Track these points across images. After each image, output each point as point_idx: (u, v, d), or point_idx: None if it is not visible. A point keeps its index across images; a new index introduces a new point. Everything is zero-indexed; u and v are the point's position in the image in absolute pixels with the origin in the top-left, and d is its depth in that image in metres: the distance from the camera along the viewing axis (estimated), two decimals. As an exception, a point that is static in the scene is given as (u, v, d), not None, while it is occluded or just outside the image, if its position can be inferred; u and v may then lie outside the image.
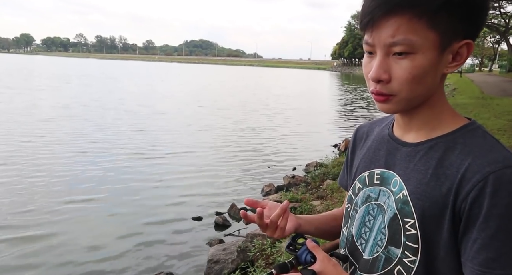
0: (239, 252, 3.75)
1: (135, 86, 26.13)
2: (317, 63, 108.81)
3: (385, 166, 0.82)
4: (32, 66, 54.66)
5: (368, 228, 0.82)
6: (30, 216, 4.92)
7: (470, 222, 0.65)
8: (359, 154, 0.92)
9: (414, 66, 0.67)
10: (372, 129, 0.93)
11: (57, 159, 7.35)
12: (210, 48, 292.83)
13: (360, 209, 0.85)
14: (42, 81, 26.63)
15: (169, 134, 10.32)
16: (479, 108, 11.96)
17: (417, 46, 0.66)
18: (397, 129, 0.83)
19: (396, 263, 0.75)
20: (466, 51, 0.69)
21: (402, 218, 0.74)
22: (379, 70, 0.69)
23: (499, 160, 0.65)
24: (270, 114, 14.89)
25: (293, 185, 6.22)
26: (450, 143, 0.72)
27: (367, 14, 0.68)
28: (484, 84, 22.70)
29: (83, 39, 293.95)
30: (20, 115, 11.86)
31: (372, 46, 0.70)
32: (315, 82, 41.58)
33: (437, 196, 0.69)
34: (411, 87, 0.69)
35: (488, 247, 0.63)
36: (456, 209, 0.67)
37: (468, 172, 0.66)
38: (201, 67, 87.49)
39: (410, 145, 0.78)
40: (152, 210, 5.31)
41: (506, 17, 37.68)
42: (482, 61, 67.65)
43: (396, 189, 0.77)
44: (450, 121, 0.75)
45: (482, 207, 0.63)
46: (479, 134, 0.72)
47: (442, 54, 0.68)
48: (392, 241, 0.75)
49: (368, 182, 0.85)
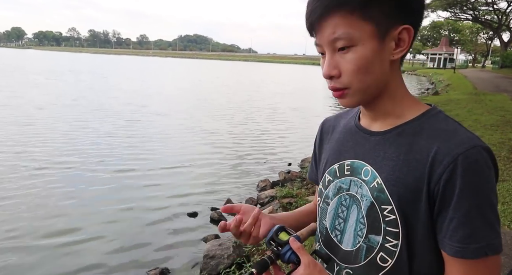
0: (234, 247, 3.76)
1: (128, 82, 25.89)
2: (312, 59, 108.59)
3: (355, 156, 0.83)
4: (20, 61, 53.84)
5: (342, 219, 0.83)
6: (26, 213, 4.89)
7: (445, 203, 0.69)
8: (327, 147, 0.94)
9: (358, 58, 0.71)
10: (338, 121, 0.95)
11: (51, 156, 7.30)
12: (205, 43, 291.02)
13: (332, 201, 0.87)
14: (29, 76, 26.04)
15: (164, 131, 10.27)
16: (472, 104, 12.06)
17: (356, 39, 0.70)
18: (364, 120, 0.86)
19: (378, 250, 0.77)
20: (408, 37, 0.72)
21: (379, 205, 0.76)
22: (329, 67, 0.74)
23: (465, 141, 0.69)
24: (265, 110, 14.87)
25: (288, 180, 6.24)
26: (417, 128, 0.75)
27: (307, 19, 0.74)
28: (477, 80, 22.87)
29: (76, 33, 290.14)
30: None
31: (321, 47, 0.75)
32: (310, 77, 41.56)
33: (411, 181, 0.72)
34: (360, 78, 0.73)
35: (464, 225, 0.67)
36: (430, 192, 0.70)
37: (438, 155, 0.70)
38: (196, 62, 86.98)
39: (378, 134, 0.80)
40: (147, 206, 5.30)
41: (499, 13, 37.89)
42: (475, 57, 68.08)
43: (369, 178, 0.78)
44: (413, 108, 0.79)
45: (455, 187, 0.67)
46: (442, 119, 0.76)
47: (383, 42, 0.71)
48: (372, 229, 0.77)
49: (338, 173, 0.86)
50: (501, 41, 42.04)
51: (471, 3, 38.41)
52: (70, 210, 5.06)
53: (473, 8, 40.05)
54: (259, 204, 5.47)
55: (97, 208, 5.18)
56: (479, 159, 0.68)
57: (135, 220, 4.87)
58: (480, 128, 7.94)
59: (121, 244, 4.27)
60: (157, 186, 6.06)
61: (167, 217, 5.00)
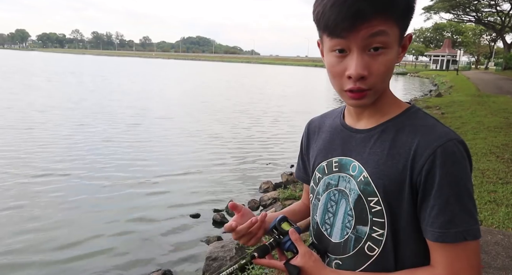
0: (237, 249, 3.76)
1: (131, 84, 25.95)
2: (314, 60, 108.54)
3: (342, 153, 0.88)
4: (23, 62, 54.11)
5: (332, 213, 0.88)
6: (28, 217, 4.91)
7: (427, 192, 0.74)
8: (315, 146, 0.98)
9: (388, 60, 0.75)
10: (323, 122, 1.00)
11: (51, 158, 7.32)
12: (207, 45, 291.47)
13: (322, 197, 0.91)
14: (31, 78, 26.11)
15: (167, 134, 10.29)
16: (475, 106, 12.01)
17: (390, 42, 0.74)
18: (349, 119, 0.91)
19: (366, 240, 0.82)
20: (408, 43, 0.79)
21: (366, 197, 0.81)
22: (361, 67, 0.73)
23: (442, 135, 0.75)
24: (267, 112, 14.87)
25: (291, 182, 6.23)
26: (399, 125, 0.81)
27: (346, 13, 0.69)
28: (480, 81, 22.79)
29: (79, 35, 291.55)
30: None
31: (346, 43, 0.73)
32: (312, 79, 41.55)
33: (395, 173, 0.77)
34: (385, 79, 0.78)
35: (444, 211, 0.72)
36: (413, 182, 0.76)
37: (419, 148, 0.75)
38: (199, 64, 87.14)
39: (363, 132, 0.85)
40: (150, 208, 5.30)
41: (502, 15, 37.78)
42: (478, 59, 67.84)
43: (356, 172, 0.83)
44: (395, 106, 0.84)
45: (435, 177, 0.73)
46: (421, 116, 0.82)
47: (399, 47, 0.77)
48: (360, 220, 0.82)
49: (327, 170, 0.91)
50: (504, 42, 41.90)
51: (474, 5, 38.34)
52: (71, 213, 5.07)
53: (476, 9, 39.97)
54: (262, 206, 5.46)
55: (100, 209, 5.19)
56: (456, 151, 0.74)
57: (137, 222, 4.87)
58: (483, 130, 7.89)
59: (124, 245, 4.27)
60: (160, 188, 6.06)
61: (169, 218, 5.00)
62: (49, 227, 4.60)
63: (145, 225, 4.81)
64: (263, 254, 0.85)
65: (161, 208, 5.31)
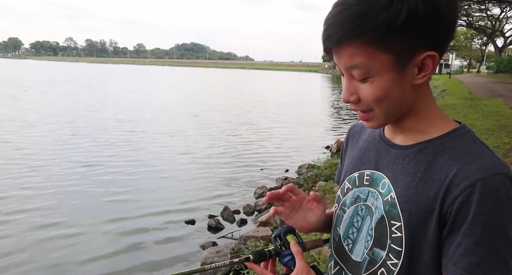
0: (232, 254, 3.75)
1: (124, 92, 25.91)
2: (308, 66, 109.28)
3: (375, 167, 0.82)
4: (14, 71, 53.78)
5: (356, 229, 0.82)
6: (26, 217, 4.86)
7: (455, 227, 0.65)
8: (350, 153, 0.93)
9: (375, 88, 0.68)
10: (365, 129, 0.93)
11: (50, 165, 7.28)
12: (202, 51, 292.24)
13: (348, 209, 0.85)
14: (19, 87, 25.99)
15: (162, 139, 10.29)
16: (467, 109, 12.13)
17: (373, 70, 0.67)
18: (388, 131, 0.84)
19: (380, 265, 0.75)
20: (432, 62, 0.68)
21: (389, 220, 0.74)
22: (347, 93, 0.72)
23: (488, 167, 0.65)
24: (262, 117, 14.92)
25: (285, 187, 6.23)
26: (440, 147, 0.72)
27: (323, 43, 0.69)
28: (472, 85, 23.03)
29: (72, 43, 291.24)
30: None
31: (339, 68, 0.72)
32: (306, 84, 41.72)
33: (424, 200, 0.69)
34: (381, 104, 0.71)
35: (472, 253, 0.63)
36: (442, 214, 0.67)
37: (456, 177, 0.66)
38: (193, 70, 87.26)
39: (399, 147, 0.78)
40: (145, 214, 5.28)
41: (492, 19, 38.33)
42: (470, 62, 68.64)
43: (385, 191, 0.77)
44: (439, 125, 0.75)
45: (469, 213, 0.63)
46: (469, 139, 0.72)
47: (403, 71, 0.67)
48: (378, 243, 0.76)
49: (358, 182, 0.85)
50: (495, 46, 42.46)
51: (465, 9, 38.84)
52: (67, 217, 5.04)
53: (467, 14, 40.49)
54: (257, 210, 5.46)
55: (94, 217, 5.16)
56: (501, 187, 0.63)
57: (132, 228, 4.85)
58: (475, 132, 7.93)
59: (118, 251, 4.25)
60: (155, 194, 6.05)
61: (164, 224, 4.99)
62: (45, 235, 4.56)
63: (141, 231, 4.79)
64: (258, 259, 0.81)
65: (156, 214, 5.29)
